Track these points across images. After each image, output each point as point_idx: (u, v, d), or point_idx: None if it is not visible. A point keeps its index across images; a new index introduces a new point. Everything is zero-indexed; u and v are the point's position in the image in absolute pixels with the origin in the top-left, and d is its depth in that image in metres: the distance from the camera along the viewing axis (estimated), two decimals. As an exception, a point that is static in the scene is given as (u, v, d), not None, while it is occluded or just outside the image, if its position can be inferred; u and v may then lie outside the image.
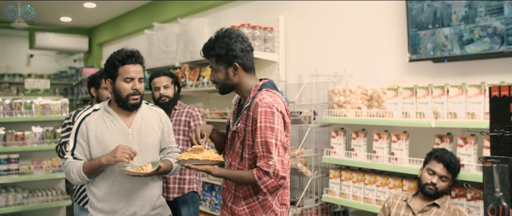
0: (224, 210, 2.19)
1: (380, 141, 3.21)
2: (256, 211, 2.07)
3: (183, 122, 3.27)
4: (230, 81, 2.11)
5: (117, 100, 2.32)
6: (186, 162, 2.01)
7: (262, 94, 2.05)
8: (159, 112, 2.49)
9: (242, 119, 2.10)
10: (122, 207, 2.29)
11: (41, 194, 4.93)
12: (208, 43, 2.15)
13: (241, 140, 2.09)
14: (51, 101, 4.96)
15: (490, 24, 2.85)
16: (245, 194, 2.09)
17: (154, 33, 5.89)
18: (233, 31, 2.12)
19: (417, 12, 3.23)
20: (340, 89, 3.51)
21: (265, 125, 1.97)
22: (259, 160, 1.98)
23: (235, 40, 2.09)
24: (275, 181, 1.96)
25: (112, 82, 2.31)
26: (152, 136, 2.38)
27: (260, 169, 1.96)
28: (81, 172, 2.23)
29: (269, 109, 1.98)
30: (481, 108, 2.66)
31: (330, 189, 3.54)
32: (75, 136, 2.30)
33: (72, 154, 2.29)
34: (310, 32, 4.29)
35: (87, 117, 2.31)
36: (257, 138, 1.98)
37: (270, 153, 1.95)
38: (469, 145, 2.74)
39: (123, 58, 2.27)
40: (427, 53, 3.20)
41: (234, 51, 2.07)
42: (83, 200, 3.19)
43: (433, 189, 2.63)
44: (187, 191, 3.25)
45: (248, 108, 2.06)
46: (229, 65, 2.09)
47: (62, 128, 3.32)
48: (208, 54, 2.15)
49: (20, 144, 4.72)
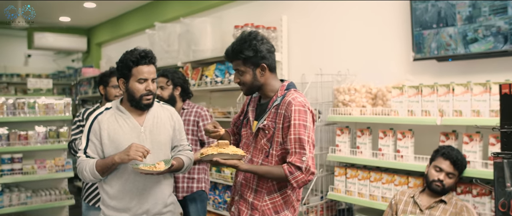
0: (241, 206, 2.24)
1: (386, 139, 3.25)
2: (278, 207, 2.17)
3: (191, 122, 3.28)
4: (257, 82, 2.20)
5: (130, 100, 2.33)
6: (215, 156, 2.05)
7: (293, 94, 2.15)
8: (170, 110, 2.52)
9: (269, 117, 2.17)
10: (135, 205, 2.32)
11: (44, 193, 4.93)
12: (235, 46, 2.18)
13: (268, 137, 2.15)
14: (54, 100, 4.96)
15: (494, 23, 2.90)
16: (269, 189, 2.17)
17: (155, 32, 5.91)
18: (258, 33, 2.19)
19: (421, 12, 3.28)
20: (345, 87, 3.56)
21: (299, 123, 2.07)
22: (291, 155, 2.06)
23: (262, 42, 2.17)
24: (306, 176, 2.06)
25: (125, 82, 2.33)
26: (164, 134, 2.41)
27: (292, 164, 2.05)
28: (94, 170, 2.25)
29: (302, 108, 2.09)
30: (487, 106, 2.72)
31: (335, 186, 3.58)
32: (88, 134, 2.31)
33: (84, 152, 2.31)
34: (313, 31, 4.33)
35: (99, 115, 2.33)
36: (291, 135, 2.07)
37: (304, 149, 2.05)
38: (475, 142, 2.79)
39: (137, 58, 2.28)
40: (432, 52, 3.25)
41: (262, 52, 2.15)
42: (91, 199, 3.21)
43: (440, 186, 2.68)
44: (196, 189, 3.27)
45: (278, 106, 2.14)
46: (256, 66, 2.17)
47: (72, 126, 3.34)
48: (235, 57, 2.19)
49: (23, 144, 4.72)
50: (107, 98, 3.30)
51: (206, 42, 5.13)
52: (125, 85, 2.33)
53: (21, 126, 4.86)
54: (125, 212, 2.31)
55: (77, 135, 3.26)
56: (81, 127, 3.27)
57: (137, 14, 7.42)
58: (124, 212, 2.31)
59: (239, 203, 2.27)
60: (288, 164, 2.07)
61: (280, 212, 2.18)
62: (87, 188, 3.21)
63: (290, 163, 2.07)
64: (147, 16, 7.08)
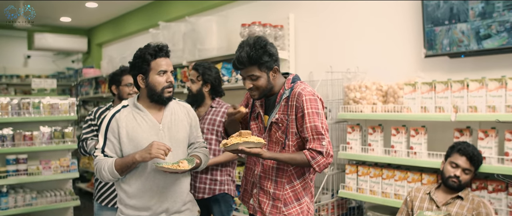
0: (262, 197, 2.32)
1: (398, 136, 3.24)
2: (299, 193, 2.29)
3: (218, 122, 3.15)
4: (270, 84, 2.28)
5: (151, 95, 2.30)
6: (241, 145, 2.08)
7: (300, 85, 2.26)
8: (186, 107, 2.50)
9: (280, 110, 2.26)
10: (155, 203, 2.29)
11: (49, 194, 4.89)
12: (250, 53, 2.18)
13: (282, 129, 2.24)
14: (59, 100, 4.92)
15: (508, 19, 2.89)
16: (289, 178, 2.27)
17: (159, 32, 5.87)
18: (263, 37, 2.25)
19: (433, 9, 3.27)
20: (355, 85, 3.54)
21: (312, 111, 2.17)
22: (310, 143, 2.17)
23: (271, 45, 2.24)
24: (326, 159, 2.17)
25: (144, 77, 2.30)
26: (182, 131, 2.39)
27: (313, 150, 2.16)
28: (113, 170, 2.21)
29: (312, 97, 2.20)
30: (502, 101, 2.71)
31: (346, 184, 3.57)
32: (105, 133, 2.27)
33: (102, 151, 2.27)
34: (321, 29, 4.31)
35: (117, 113, 2.30)
36: (306, 123, 2.17)
37: (322, 135, 2.16)
38: (490, 138, 2.78)
39: (155, 51, 2.28)
40: (444, 48, 3.24)
41: (274, 55, 2.24)
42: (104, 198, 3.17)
43: (456, 182, 2.67)
44: (218, 192, 3.14)
45: (287, 98, 2.23)
46: (270, 70, 2.25)
47: (84, 125, 3.30)
48: (253, 63, 2.20)
49: (28, 144, 4.68)
50: (121, 97, 3.27)
51: (211, 41, 5.11)
52: (145, 81, 2.30)
53: (26, 126, 4.81)
54: (145, 211, 2.28)
55: (88, 134, 3.22)
56: (93, 126, 3.23)
57: (139, 13, 7.39)
58: (144, 211, 2.28)
59: (258, 195, 2.34)
60: (309, 150, 2.17)
61: (300, 199, 2.30)
62: (100, 188, 3.17)
63: (310, 149, 2.17)
64: (150, 16, 7.05)
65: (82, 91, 8.79)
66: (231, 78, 4.67)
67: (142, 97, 2.36)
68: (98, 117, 3.24)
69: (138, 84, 2.33)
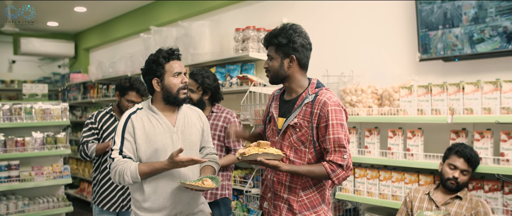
0: (277, 201, 2.26)
1: (395, 138, 3.30)
2: (315, 201, 2.21)
3: (219, 127, 3.18)
4: (283, 71, 2.21)
5: (167, 97, 2.33)
6: (259, 156, 2.05)
7: (326, 93, 2.18)
8: (198, 111, 2.54)
9: (299, 114, 2.17)
10: (170, 205, 2.31)
11: (41, 201, 4.84)
12: (272, 31, 2.22)
13: (298, 135, 2.17)
14: (51, 106, 4.88)
15: (501, 24, 2.99)
16: (304, 185, 2.20)
17: (151, 36, 5.87)
18: (299, 27, 2.22)
19: (427, 13, 3.35)
20: (351, 88, 3.60)
21: (336, 122, 2.10)
22: (331, 154, 2.10)
23: (299, 35, 2.20)
24: (346, 172, 2.11)
25: (160, 80, 2.33)
26: (195, 134, 2.42)
27: (334, 162, 2.09)
28: (137, 175, 2.22)
29: (338, 108, 2.13)
30: (497, 103, 2.79)
31: (343, 186, 3.62)
32: (123, 133, 2.28)
33: (120, 152, 2.27)
34: (315, 33, 4.36)
35: (132, 115, 2.32)
36: (329, 134, 2.09)
37: (344, 147, 2.10)
38: (486, 139, 2.86)
39: (169, 54, 2.33)
40: (438, 52, 3.32)
41: (295, 43, 2.18)
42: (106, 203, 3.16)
43: (454, 184, 2.74)
44: (219, 197, 3.17)
45: (311, 105, 2.15)
46: (286, 56, 2.20)
47: (84, 128, 3.29)
48: (269, 41, 2.22)
49: (20, 150, 4.63)
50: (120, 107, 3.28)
51: (204, 45, 5.13)
52: (161, 83, 2.34)
53: (17, 132, 4.76)
54: (159, 212, 2.30)
55: (89, 137, 3.21)
56: (94, 129, 3.22)
57: (129, 18, 7.36)
58: (158, 212, 2.29)
59: (274, 199, 2.28)
60: (328, 162, 2.11)
61: (317, 206, 2.21)
62: (101, 193, 3.17)
63: (331, 161, 2.10)
64: (140, 20, 7.03)
65: (69, 96, 8.69)
66: (225, 82, 4.69)
67: (157, 100, 2.38)
68: (99, 121, 3.24)
69: (153, 88, 2.35)
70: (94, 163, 3.40)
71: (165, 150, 2.27)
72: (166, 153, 2.25)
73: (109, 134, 3.29)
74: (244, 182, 4.35)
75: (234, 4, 5.31)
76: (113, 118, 3.36)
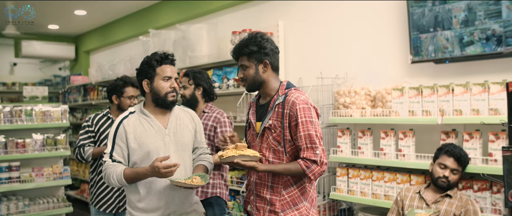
0: (259, 203, 2.33)
1: (387, 139, 3.37)
2: (296, 199, 2.29)
3: (209, 126, 3.24)
4: (259, 77, 2.29)
5: (156, 99, 2.40)
6: (236, 158, 2.13)
7: (294, 93, 2.26)
8: (190, 112, 2.59)
9: (273, 116, 2.26)
10: (164, 205, 2.37)
11: (42, 201, 4.91)
12: (241, 42, 2.30)
13: (273, 136, 2.25)
14: (51, 108, 4.95)
15: (489, 27, 3.05)
16: (285, 184, 2.27)
17: (149, 39, 5.95)
18: (264, 34, 2.32)
19: (419, 16, 3.42)
20: (345, 90, 3.67)
21: (306, 120, 2.18)
22: (304, 151, 2.19)
23: (267, 40, 2.30)
24: (321, 167, 2.19)
25: (150, 82, 2.41)
26: (187, 136, 2.47)
27: (307, 159, 2.18)
28: (122, 179, 2.28)
29: (306, 105, 2.21)
30: (485, 105, 2.86)
31: (337, 187, 3.68)
32: (114, 138, 2.36)
33: (110, 156, 2.35)
34: (310, 36, 4.44)
35: (124, 120, 2.39)
36: (300, 132, 2.18)
37: (315, 144, 2.18)
38: (475, 139, 2.92)
39: (161, 58, 2.40)
40: (429, 54, 3.39)
41: (266, 49, 2.27)
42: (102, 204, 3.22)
43: (445, 182, 2.80)
44: (210, 195, 3.22)
45: (281, 105, 2.24)
46: (260, 62, 2.28)
47: (81, 131, 3.35)
48: (240, 52, 2.30)
49: (21, 152, 4.70)
50: (121, 107, 3.33)
51: (202, 48, 5.20)
52: (150, 86, 2.41)
53: (18, 134, 4.83)
54: (154, 212, 2.35)
55: (86, 140, 3.27)
56: (90, 132, 3.28)
57: (129, 21, 7.44)
58: (153, 212, 2.35)
59: (256, 201, 2.35)
60: (303, 159, 2.19)
61: (298, 204, 2.28)
62: (98, 194, 3.23)
63: (304, 158, 2.18)
64: (139, 23, 7.10)
65: (70, 98, 8.77)
66: (222, 85, 4.77)
67: (148, 103, 2.45)
68: (95, 124, 3.29)
69: (144, 89, 2.43)
70: (91, 165, 3.46)
71: (157, 152, 2.33)
72: (159, 155, 2.31)
73: (106, 137, 3.34)
74: (241, 183, 4.42)
75: (231, 7, 5.38)
76: (110, 121, 3.41)
